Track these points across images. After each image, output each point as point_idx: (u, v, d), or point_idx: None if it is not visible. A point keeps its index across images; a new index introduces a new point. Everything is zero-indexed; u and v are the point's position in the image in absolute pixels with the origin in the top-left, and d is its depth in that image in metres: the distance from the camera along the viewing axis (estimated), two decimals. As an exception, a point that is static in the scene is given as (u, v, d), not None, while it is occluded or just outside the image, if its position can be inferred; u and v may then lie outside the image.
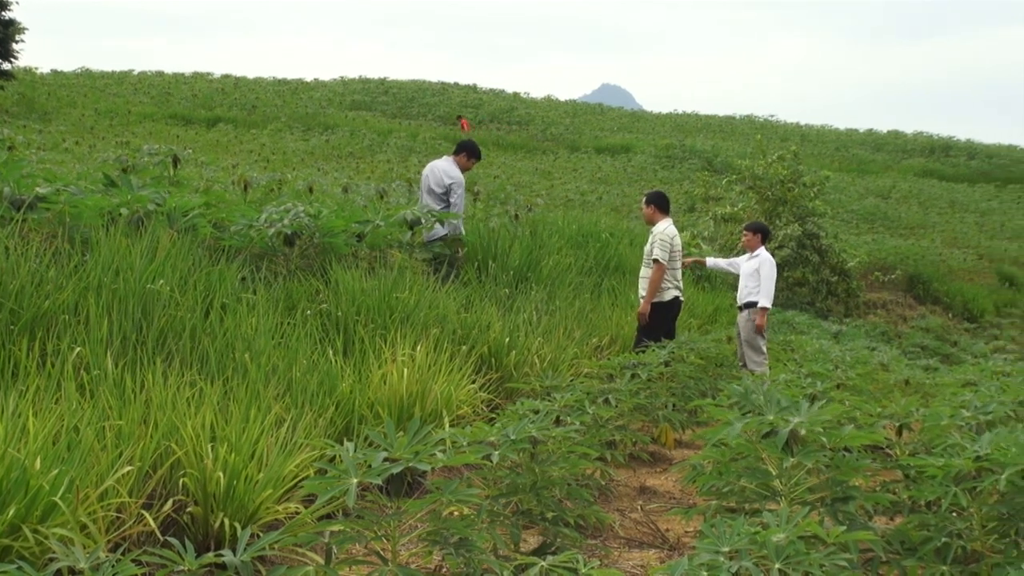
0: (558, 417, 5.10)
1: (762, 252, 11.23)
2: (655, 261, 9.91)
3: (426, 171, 10.67)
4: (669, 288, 10.10)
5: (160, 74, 62.15)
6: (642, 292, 10.13)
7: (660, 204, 10.35)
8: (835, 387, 6.83)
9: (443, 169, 10.42)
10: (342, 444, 3.36)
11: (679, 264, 10.27)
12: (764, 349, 11.06)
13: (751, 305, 10.99)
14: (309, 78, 67.23)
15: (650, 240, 10.14)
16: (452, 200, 10.24)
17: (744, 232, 11.71)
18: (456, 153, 10.63)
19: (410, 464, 3.17)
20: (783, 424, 3.58)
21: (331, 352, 6.41)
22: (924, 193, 46.39)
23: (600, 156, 47.06)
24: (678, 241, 10.29)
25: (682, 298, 10.49)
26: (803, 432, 3.60)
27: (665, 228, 10.10)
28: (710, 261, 11.80)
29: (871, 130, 68.22)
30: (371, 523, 3.28)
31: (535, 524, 4.32)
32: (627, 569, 4.71)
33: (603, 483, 6.03)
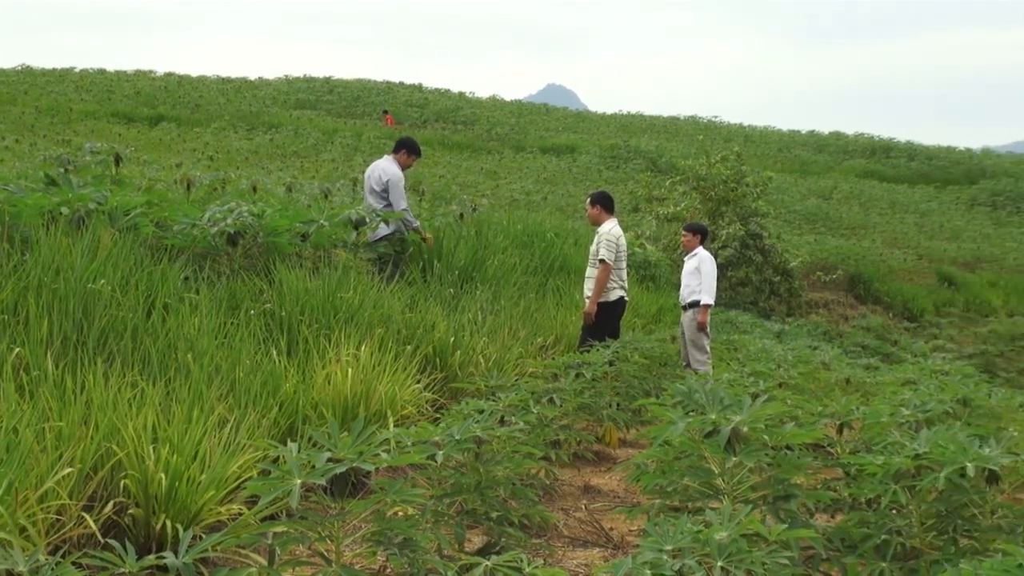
0: (503, 417, 5.10)
1: (701, 251, 11.35)
2: (601, 261, 9.95)
3: (368, 171, 10.66)
4: (615, 288, 10.14)
5: (102, 72, 61.44)
6: (588, 292, 10.16)
7: (605, 204, 10.40)
8: (777, 386, 6.89)
9: (382, 168, 10.42)
10: (286, 445, 3.34)
11: (624, 264, 10.32)
12: (708, 348, 11.15)
13: (695, 304, 11.07)
14: (253, 76, 66.82)
15: (596, 240, 10.17)
16: (390, 197, 10.22)
17: (683, 233, 11.81)
18: (395, 151, 10.63)
19: (354, 464, 3.16)
20: (725, 423, 3.61)
21: (275, 352, 6.38)
22: (865, 194, 46.87)
23: (545, 156, 47.11)
24: (624, 241, 10.34)
25: (627, 298, 10.55)
26: (745, 430, 3.62)
27: (611, 228, 10.14)
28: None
29: (813, 131, 68.81)
30: (315, 524, 3.27)
31: (480, 524, 4.32)
32: (571, 568, 4.72)
33: (548, 482, 6.05)
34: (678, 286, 11.94)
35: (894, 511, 3.93)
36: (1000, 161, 63.20)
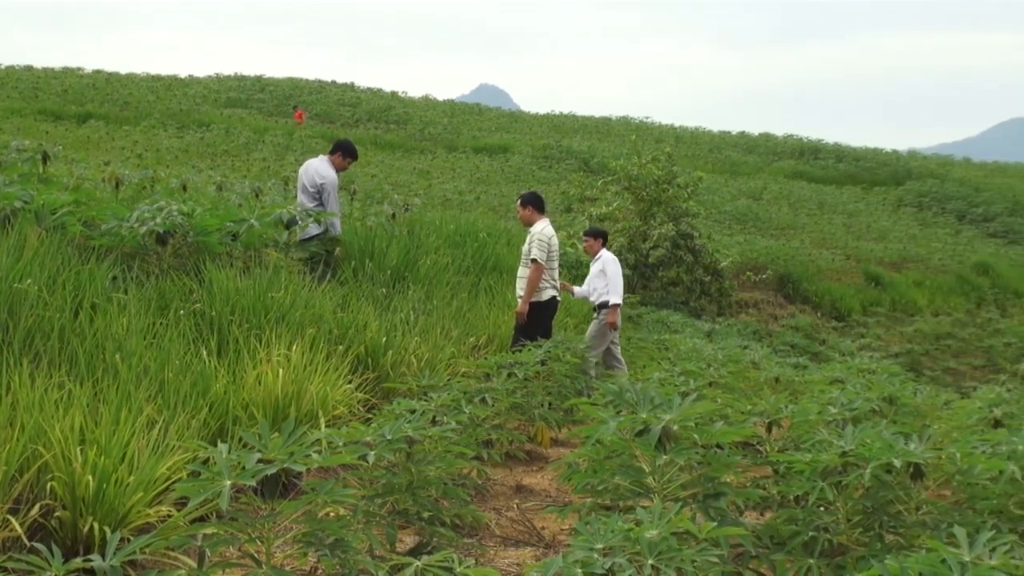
0: (434, 417, 5.10)
1: (604, 253, 11.44)
2: (533, 261, 9.97)
3: (301, 170, 10.59)
4: (546, 288, 10.17)
5: (29, 68, 60.45)
6: (520, 292, 10.18)
7: (536, 204, 10.42)
8: (707, 385, 6.95)
9: (316, 169, 10.35)
10: (216, 446, 3.32)
11: (556, 264, 10.35)
12: (609, 343, 11.20)
13: (605, 306, 11.14)
14: (183, 74, 66.15)
15: (528, 240, 10.19)
16: (324, 200, 10.17)
17: (584, 238, 11.88)
18: (332, 152, 10.56)
19: (285, 465, 3.15)
20: (656, 422, 3.64)
21: (205, 352, 6.32)
22: (794, 194, 47.35)
23: (478, 156, 47.12)
24: (555, 241, 10.36)
25: (559, 298, 10.58)
26: (676, 429, 3.65)
27: (542, 228, 10.17)
28: (577, 291, 11.84)
29: (743, 132, 69.42)
30: (245, 525, 3.25)
31: (411, 524, 4.32)
32: (503, 568, 4.73)
33: (479, 482, 6.05)
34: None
35: (822, 508, 3.98)
36: (926, 163, 64.23)
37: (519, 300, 10.15)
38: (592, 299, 11.41)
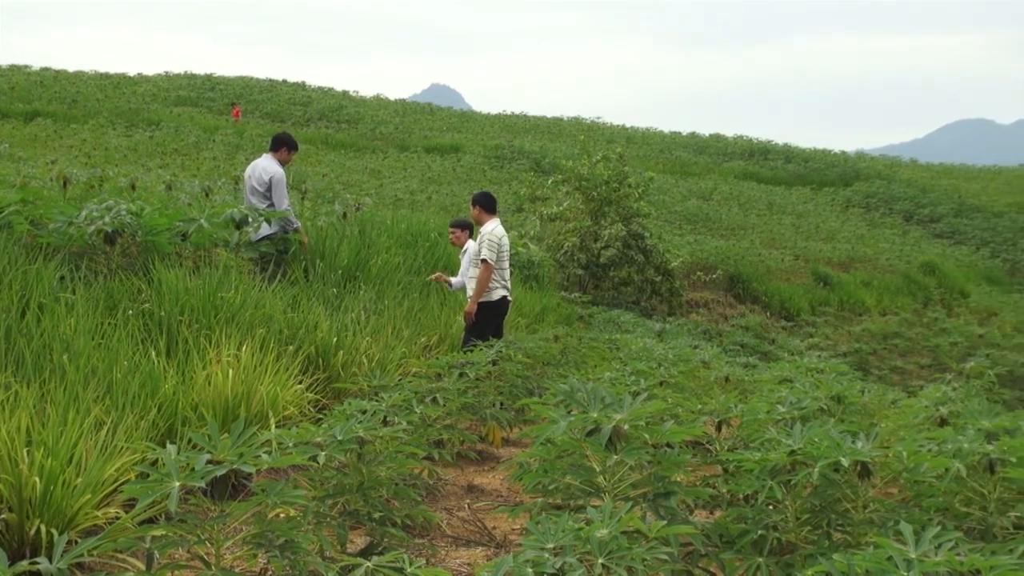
0: (385, 417, 5.09)
1: (470, 244, 11.56)
2: (483, 261, 10.00)
3: (248, 171, 10.55)
4: (497, 288, 10.19)
5: (-26, 66, 59.82)
6: (470, 292, 10.21)
7: (486, 205, 10.45)
8: (658, 384, 6.97)
9: (263, 167, 10.31)
10: (164, 447, 3.30)
11: (507, 264, 10.38)
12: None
13: None
14: (132, 72, 65.59)
15: (478, 240, 10.22)
16: (274, 195, 10.13)
17: (451, 230, 11.89)
18: (274, 149, 10.52)
19: (234, 466, 3.14)
20: (606, 421, 3.65)
21: (154, 353, 6.27)
22: (744, 195, 47.66)
23: (430, 156, 47.06)
24: (506, 241, 10.39)
25: (510, 298, 10.60)
26: (626, 428, 3.67)
27: (493, 228, 10.19)
28: (454, 281, 11.91)
29: (694, 133, 69.81)
30: (194, 527, 3.23)
31: (362, 524, 4.31)
32: (454, 568, 4.73)
33: (431, 482, 6.04)
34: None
35: (771, 506, 4.01)
36: (873, 164, 64.91)
37: (469, 300, 10.18)
38: (467, 288, 11.56)
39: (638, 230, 24.90)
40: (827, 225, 43.53)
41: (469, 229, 11.76)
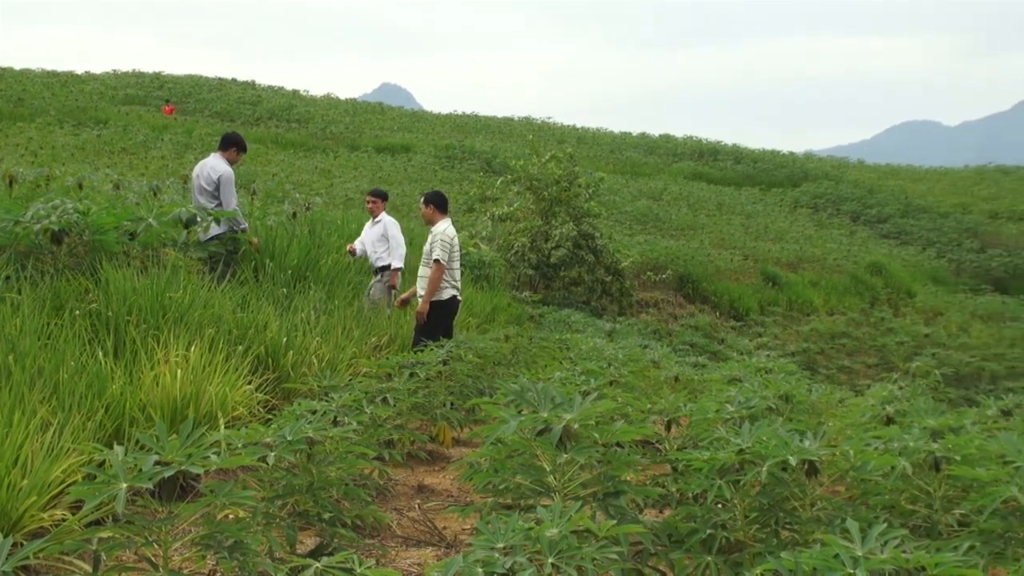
0: (335, 417, 5.08)
1: (384, 216, 11.65)
2: (435, 261, 10.01)
3: (196, 170, 10.49)
4: (447, 288, 10.21)
5: (-84, 63, 58.88)
6: (421, 291, 10.21)
7: (439, 204, 10.46)
8: (608, 384, 6.99)
9: (211, 166, 10.26)
10: (112, 448, 3.27)
11: (458, 264, 10.40)
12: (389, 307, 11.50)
13: (384, 269, 11.37)
14: (80, 70, 64.84)
15: (429, 240, 10.23)
16: (222, 196, 10.08)
17: (368, 199, 11.98)
18: (223, 148, 10.48)
19: (182, 467, 3.12)
20: (556, 421, 3.66)
21: (101, 353, 6.22)
22: (693, 195, 47.86)
23: (380, 155, 46.87)
24: (457, 241, 10.41)
25: (460, 297, 10.62)
26: (576, 428, 3.68)
27: (445, 228, 10.21)
28: (357, 249, 12.03)
29: (644, 133, 69.98)
30: (142, 528, 3.21)
31: (312, 525, 4.29)
32: (404, 568, 4.73)
33: (381, 483, 6.03)
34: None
35: (719, 505, 4.04)
36: (821, 164, 65.45)
37: (419, 300, 10.19)
38: (372, 261, 11.62)
39: (588, 230, 24.94)
40: (776, 225, 43.83)
41: (385, 199, 11.93)
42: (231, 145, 10.49)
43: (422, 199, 10.72)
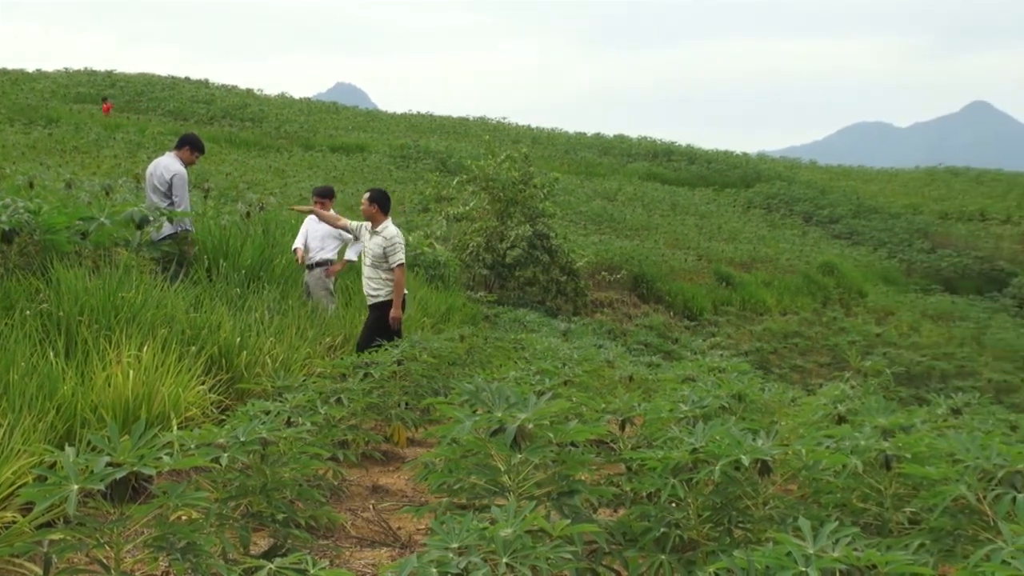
0: (289, 418, 5.06)
1: (326, 217, 11.79)
2: (399, 266, 9.97)
3: (149, 169, 10.43)
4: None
5: None
6: (370, 292, 10.18)
7: (383, 204, 10.29)
8: (563, 384, 7.00)
9: (165, 165, 10.20)
10: (63, 449, 3.24)
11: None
12: (333, 291, 11.54)
13: (325, 263, 11.42)
14: (31, 68, 64.15)
15: (377, 243, 10.10)
16: (175, 196, 10.01)
17: (319, 200, 11.98)
18: (178, 148, 10.42)
19: (135, 468, 3.10)
20: (511, 421, 3.66)
21: (52, 354, 6.17)
22: (648, 196, 48.01)
23: (335, 155, 46.70)
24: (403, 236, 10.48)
25: (406, 293, 10.64)
26: (531, 428, 3.69)
27: (396, 231, 10.17)
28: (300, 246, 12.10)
29: (599, 134, 70.12)
30: (93, 530, 3.19)
31: (265, 526, 4.28)
32: (358, 568, 4.72)
33: (335, 483, 6.02)
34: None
35: (673, 504, 4.06)
36: (774, 165, 65.90)
37: (370, 297, 10.18)
38: (314, 254, 11.62)
39: (544, 230, 24.96)
40: (729, 226, 44.06)
41: (333, 197, 11.93)
42: (185, 144, 10.43)
43: (366, 196, 10.50)
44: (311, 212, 11.59)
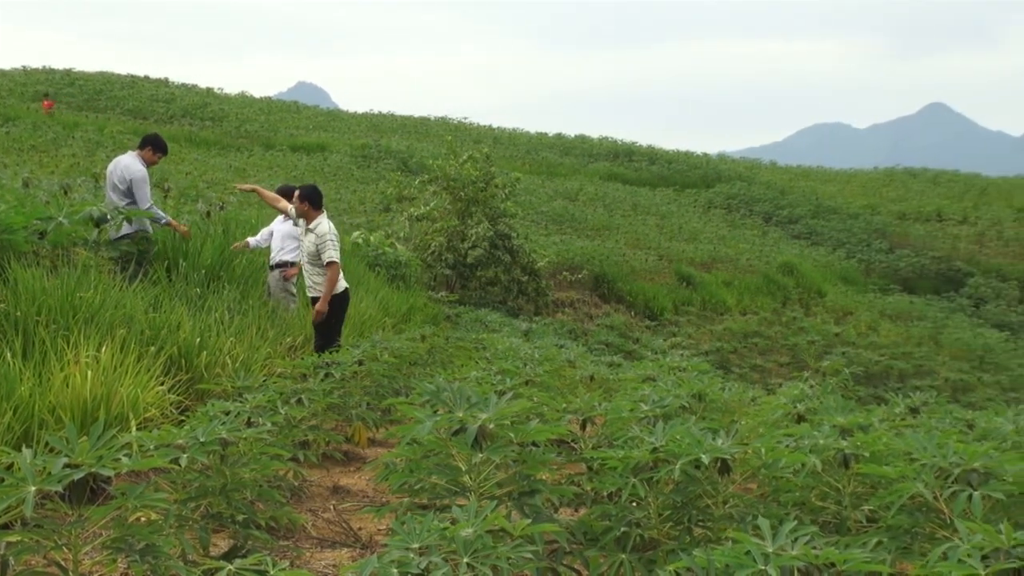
0: (249, 418, 5.04)
1: (279, 221, 11.69)
2: (330, 263, 9.86)
3: (110, 167, 10.33)
4: (341, 281, 10.22)
5: None
6: (312, 289, 10.15)
7: (314, 200, 10.11)
8: (524, 383, 7.01)
9: (126, 165, 10.10)
10: (20, 450, 3.22)
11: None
12: (294, 292, 11.46)
13: (284, 264, 11.36)
14: (-11, 66, 63.53)
15: (311, 240, 10.03)
16: (136, 197, 9.94)
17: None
18: (141, 147, 10.33)
19: (93, 469, 3.08)
20: (472, 421, 3.67)
21: (9, 354, 6.12)
22: (609, 196, 48.10)
23: (296, 154, 46.52)
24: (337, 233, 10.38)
25: (348, 286, 10.62)
26: (492, 428, 3.69)
27: (329, 228, 10.03)
28: (252, 241, 11.95)
29: (560, 134, 70.18)
30: (51, 532, 3.17)
31: (225, 527, 4.26)
32: (319, 569, 4.71)
33: (296, 484, 6.00)
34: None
35: (634, 503, 4.07)
36: (734, 166, 66.19)
37: (312, 295, 10.18)
38: (274, 254, 11.57)
39: (505, 230, 24.99)
40: (690, 226, 44.23)
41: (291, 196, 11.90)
42: (148, 144, 10.34)
43: (296, 193, 10.37)
44: (253, 190, 11.65)
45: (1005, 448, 4.32)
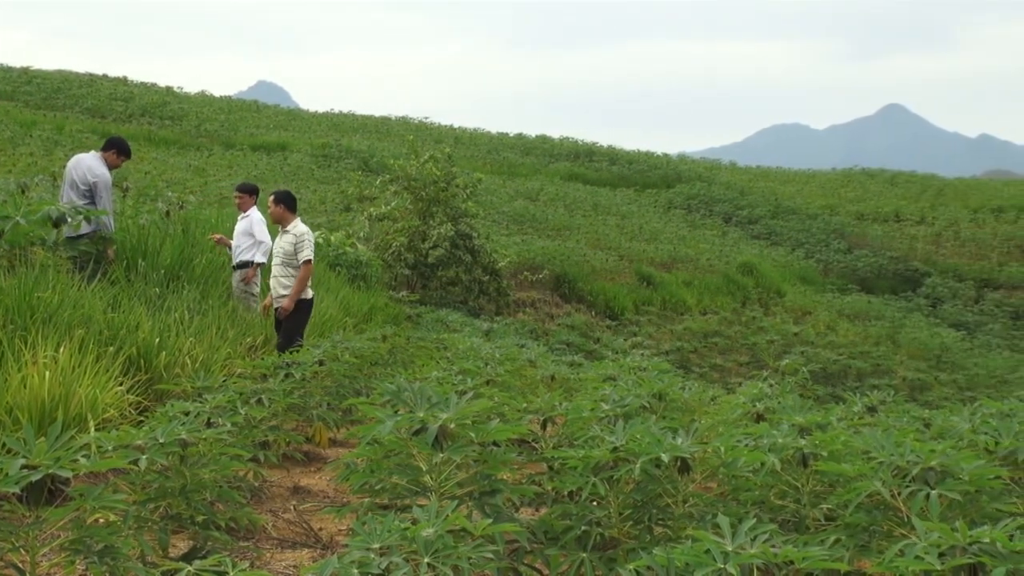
0: (209, 418, 5.02)
1: (253, 212, 11.60)
2: (307, 262, 10.02)
3: (70, 164, 10.22)
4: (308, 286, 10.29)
5: None
6: (282, 291, 10.18)
7: (289, 204, 10.46)
8: (485, 383, 7.02)
9: (88, 166, 10.01)
10: (-24, 452, 3.20)
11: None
12: (256, 293, 11.44)
13: (245, 265, 11.33)
14: (-57, 64, 62.80)
15: (288, 240, 10.21)
16: (97, 200, 9.86)
17: (237, 194, 11.90)
18: (105, 149, 10.24)
19: (50, 471, 3.06)
20: (433, 421, 3.67)
21: (-35, 355, 6.07)
22: (570, 196, 48.16)
23: (256, 154, 46.27)
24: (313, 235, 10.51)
25: (314, 294, 10.70)
26: (452, 427, 3.70)
27: (305, 229, 10.27)
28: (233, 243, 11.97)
29: (521, 134, 70.17)
30: (8, 534, 3.14)
31: (185, 528, 4.24)
32: (279, 570, 4.70)
33: (256, 484, 5.99)
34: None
35: (594, 503, 4.09)
36: (694, 166, 66.45)
37: (283, 299, 10.18)
38: (233, 255, 11.56)
39: (466, 230, 24.99)
40: (650, 226, 44.35)
41: (255, 194, 11.79)
42: (112, 147, 10.24)
43: (271, 198, 10.58)
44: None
45: (961, 447, 4.35)
